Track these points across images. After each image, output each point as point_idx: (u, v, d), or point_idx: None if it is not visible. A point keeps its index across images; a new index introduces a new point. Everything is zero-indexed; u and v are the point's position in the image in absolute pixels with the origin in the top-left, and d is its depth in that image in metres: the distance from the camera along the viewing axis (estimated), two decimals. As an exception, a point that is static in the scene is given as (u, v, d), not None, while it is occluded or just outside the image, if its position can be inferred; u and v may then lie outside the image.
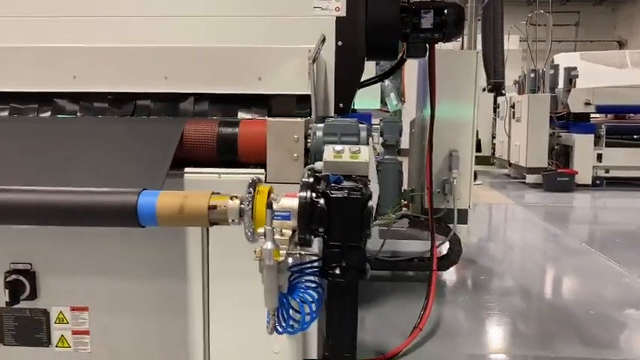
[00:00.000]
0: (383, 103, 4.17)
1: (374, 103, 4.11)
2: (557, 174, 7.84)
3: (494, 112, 10.42)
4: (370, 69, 3.22)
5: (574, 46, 15.91)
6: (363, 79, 2.30)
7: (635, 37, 16.97)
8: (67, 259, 1.71)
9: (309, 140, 1.64)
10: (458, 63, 3.44)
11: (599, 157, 8.02)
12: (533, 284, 3.82)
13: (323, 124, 1.65)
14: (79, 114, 1.93)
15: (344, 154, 1.41)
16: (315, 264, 1.29)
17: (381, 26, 2.00)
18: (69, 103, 1.94)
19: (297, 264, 1.29)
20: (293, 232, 1.25)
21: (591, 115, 8.36)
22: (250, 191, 1.24)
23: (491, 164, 10.61)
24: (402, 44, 2.33)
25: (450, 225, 3.41)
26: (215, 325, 1.72)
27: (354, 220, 1.22)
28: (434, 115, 2.75)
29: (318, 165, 1.42)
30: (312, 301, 1.27)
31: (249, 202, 1.23)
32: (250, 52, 1.86)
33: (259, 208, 1.23)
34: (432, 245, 2.83)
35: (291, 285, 1.27)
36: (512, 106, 8.88)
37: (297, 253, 1.27)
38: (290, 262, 1.24)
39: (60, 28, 1.94)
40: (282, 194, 1.29)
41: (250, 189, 1.25)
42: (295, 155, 1.64)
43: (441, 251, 3.54)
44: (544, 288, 3.90)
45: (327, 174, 1.33)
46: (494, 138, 10.51)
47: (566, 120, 8.31)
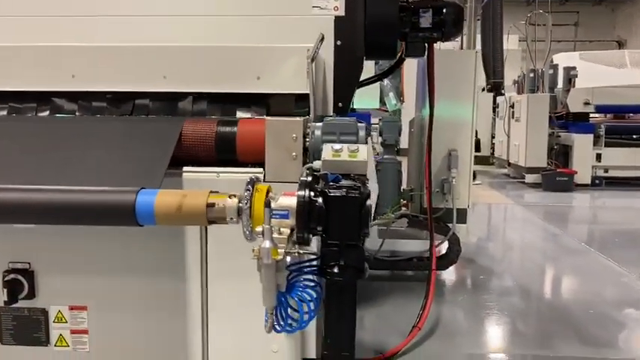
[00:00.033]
0: (382, 102, 4.17)
1: (373, 102, 4.11)
2: (556, 174, 7.84)
3: (493, 112, 10.42)
4: (369, 68, 3.23)
5: (573, 46, 15.92)
6: (362, 78, 2.31)
7: (635, 37, 16.98)
8: (66, 258, 1.71)
9: (307, 139, 1.64)
10: (457, 63, 3.44)
11: (598, 156, 8.02)
12: (532, 284, 3.82)
13: (321, 123, 1.64)
14: (77, 113, 1.92)
15: (342, 153, 1.41)
16: (314, 263, 1.29)
17: (380, 25, 2.00)
18: (68, 102, 1.94)
19: (296, 263, 1.29)
20: (291, 230, 1.25)
21: (590, 115, 8.36)
22: (249, 189, 1.24)
23: (491, 164, 10.61)
24: (401, 44, 2.33)
25: (449, 224, 3.41)
26: (214, 324, 1.72)
27: (352, 219, 1.22)
28: (433, 115, 2.75)
29: (316, 164, 1.42)
30: (311, 300, 1.27)
31: (247, 200, 1.23)
32: (249, 52, 1.86)
33: (257, 206, 1.23)
34: (430, 245, 2.83)
35: (290, 284, 1.26)
36: (512, 106, 8.88)
37: (296, 252, 1.27)
38: (288, 260, 1.24)
39: (59, 27, 1.94)
40: (280, 193, 1.29)
41: (249, 187, 1.25)
42: (294, 154, 1.63)
43: (440, 251, 3.55)
44: (543, 287, 3.90)
45: (326, 173, 1.32)
46: (493, 138, 10.51)
47: (566, 120, 8.32)
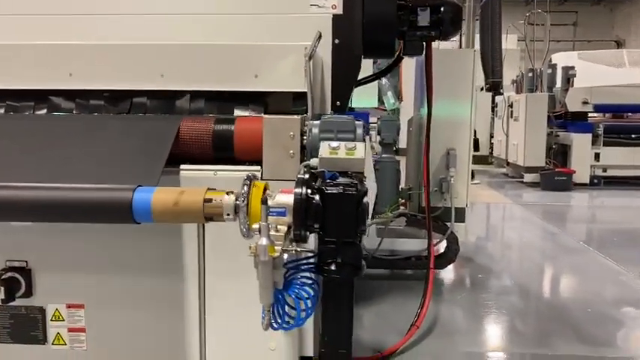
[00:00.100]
0: (380, 101, 4.17)
1: (371, 101, 4.11)
2: (554, 173, 7.85)
3: (492, 112, 10.42)
4: (367, 67, 3.23)
5: (572, 46, 15.95)
6: (360, 77, 2.31)
7: (633, 37, 17.00)
8: (63, 256, 1.71)
9: (305, 137, 1.64)
10: (455, 62, 3.44)
11: (596, 156, 8.03)
12: (530, 283, 3.82)
13: (319, 121, 1.64)
14: (75, 111, 1.92)
15: (340, 150, 1.40)
16: (311, 260, 1.29)
17: (378, 24, 1.99)
18: (65, 100, 1.93)
19: (293, 260, 1.28)
20: (288, 228, 1.25)
21: (589, 115, 8.37)
22: (246, 185, 1.24)
23: (489, 163, 10.62)
24: (399, 42, 2.33)
25: (448, 223, 3.41)
26: (211, 322, 1.72)
27: (349, 216, 1.22)
28: (431, 114, 2.75)
29: (313, 161, 1.42)
30: (308, 298, 1.26)
31: (244, 197, 1.23)
32: (247, 50, 1.86)
33: (254, 203, 1.23)
34: (429, 243, 2.84)
35: (287, 281, 1.26)
36: (510, 106, 8.89)
37: (293, 249, 1.27)
38: (285, 258, 1.24)
39: (56, 25, 1.94)
40: (277, 191, 1.29)
41: (246, 185, 1.25)
42: (291, 152, 1.63)
43: (439, 249, 3.55)
44: (542, 286, 3.90)
45: (323, 170, 1.32)
46: (492, 137, 10.52)
47: (564, 119, 8.32)
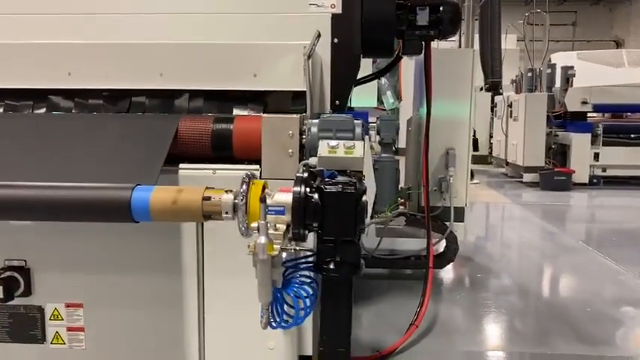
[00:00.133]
0: (380, 101, 4.17)
1: (371, 101, 4.11)
2: (554, 173, 7.86)
3: (491, 112, 10.43)
4: (367, 67, 3.23)
5: (571, 46, 15.95)
6: (359, 76, 2.31)
7: (632, 37, 17.00)
8: (62, 255, 1.71)
9: (304, 136, 1.64)
10: (454, 61, 3.44)
11: (596, 156, 8.04)
12: (530, 282, 3.82)
13: (318, 120, 1.64)
14: (74, 111, 1.92)
15: (338, 149, 1.40)
16: (310, 259, 1.29)
17: (377, 23, 2.00)
18: (64, 100, 1.93)
19: (292, 259, 1.28)
20: (287, 227, 1.25)
21: (588, 114, 8.38)
22: (245, 183, 1.24)
23: (489, 163, 10.63)
24: (398, 41, 2.33)
25: (447, 223, 3.42)
26: (210, 321, 1.72)
27: (348, 215, 1.22)
28: (430, 113, 2.75)
29: (312, 160, 1.42)
30: (307, 297, 1.27)
31: (243, 196, 1.23)
32: (245, 49, 1.86)
33: (253, 202, 1.23)
34: (428, 243, 2.84)
35: (286, 280, 1.26)
36: (510, 105, 8.90)
37: (292, 248, 1.27)
38: (284, 257, 1.24)
39: (55, 25, 1.94)
40: (276, 190, 1.28)
41: (244, 183, 1.25)
42: (290, 151, 1.63)
43: (438, 249, 3.55)
44: (541, 286, 3.90)
45: (322, 169, 1.32)
46: (491, 137, 10.52)
47: (564, 119, 8.33)
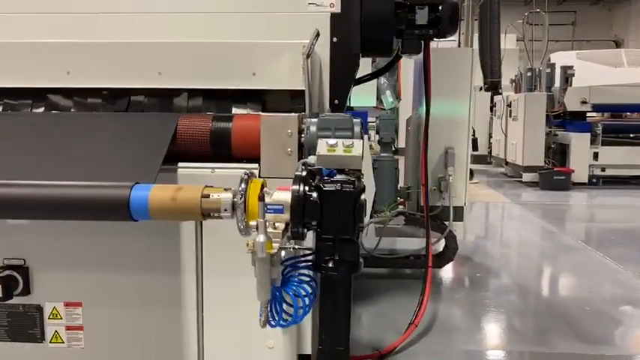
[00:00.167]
0: (379, 100, 4.16)
1: (370, 100, 4.11)
2: (553, 172, 7.86)
3: (490, 111, 10.43)
4: (366, 66, 3.23)
5: (571, 46, 15.94)
6: (358, 75, 2.31)
7: (632, 37, 17.00)
8: (61, 254, 1.71)
9: (302, 135, 1.64)
10: (454, 61, 3.44)
11: (595, 155, 8.04)
12: (529, 281, 3.83)
13: (317, 118, 1.64)
14: (72, 110, 1.92)
15: (337, 148, 1.40)
16: (309, 258, 1.29)
17: (376, 22, 2.00)
18: (63, 98, 1.93)
19: (291, 258, 1.28)
20: (286, 225, 1.25)
21: (587, 114, 8.39)
22: (244, 181, 1.24)
23: (488, 163, 10.62)
24: (397, 41, 2.33)
25: (446, 222, 3.42)
26: (209, 320, 1.72)
27: (346, 213, 1.22)
28: (429, 112, 2.75)
29: (311, 159, 1.42)
30: (306, 295, 1.27)
31: (241, 194, 1.23)
32: (244, 48, 1.86)
33: (252, 201, 1.23)
34: (427, 242, 2.83)
35: (285, 278, 1.26)
36: (509, 105, 8.90)
37: (291, 247, 1.27)
38: (283, 255, 1.24)
39: (53, 24, 1.93)
40: (275, 189, 1.28)
41: (243, 182, 1.25)
42: (289, 150, 1.63)
43: (437, 248, 3.55)
44: (540, 285, 3.91)
45: (320, 167, 1.32)
46: (490, 137, 10.52)
47: (563, 118, 8.34)
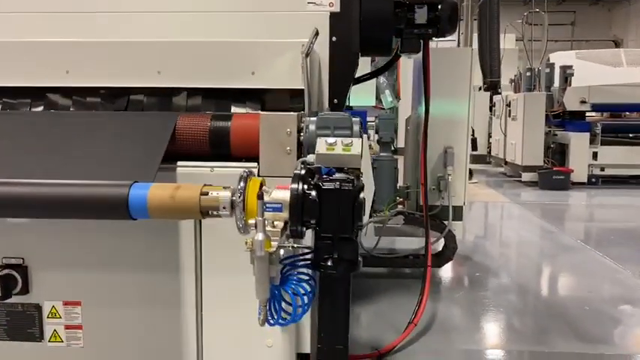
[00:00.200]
0: (378, 100, 4.16)
1: (369, 100, 4.10)
2: (552, 172, 7.87)
3: (490, 111, 10.44)
4: (365, 66, 3.22)
5: (570, 46, 15.95)
6: (357, 75, 2.30)
7: (631, 37, 17.01)
8: (60, 253, 1.71)
9: (302, 134, 1.64)
10: (453, 60, 3.44)
11: (594, 155, 8.05)
12: (528, 281, 3.83)
13: (316, 117, 1.64)
14: (71, 109, 1.92)
15: (336, 146, 1.40)
16: (308, 256, 1.29)
17: (375, 21, 2.00)
18: (62, 98, 1.93)
19: (290, 256, 1.29)
20: (285, 224, 1.25)
21: (587, 114, 8.40)
22: (242, 180, 1.24)
23: (488, 163, 10.63)
24: (397, 40, 2.33)
25: (445, 222, 3.42)
26: (208, 319, 1.71)
27: (345, 212, 1.22)
28: (428, 111, 2.75)
29: (310, 157, 1.42)
30: (304, 294, 1.27)
31: (240, 193, 1.23)
32: (243, 47, 1.85)
33: (251, 199, 1.22)
34: (426, 242, 2.83)
35: (284, 277, 1.26)
36: (508, 105, 8.90)
37: (290, 246, 1.27)
38: (282, 254, 1.24)
39: (52, 23, 1.93)
40: (274, 187, 1.28)
41: (242, 180, 1.25)
42: (288, 149, 1.63)
43: (437, 248, 3.55)
44: (539, 284, 3.91)
45: (319, 166, 1.32)
46: (490, 137, 10.53)
47: (562, 118, 8.34)
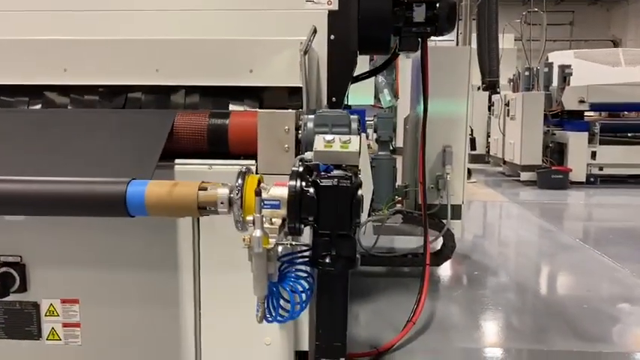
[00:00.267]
0: (377, 99, 4.17)
1: (368, 99, 4.11)
2: (551, 171, 7.87)
3: (488, 111, 10.43)
4: (364, 64, 3.23)
5: (568, 45, 15.97)
6: (355, 73, 2.31)
7: (630, 37, 17.04)
8: (58, 251, 1.70)
9: (300, 132, 1.64)
10: (451, 59, 3.45)
11: (593, 154, 8.05)
12: (527, 279, 3.83)
13: (314, 115, 1.64)
14: (69, 107, 1.92)
15: (334, 143, 1.40)
16: (306, 253, 1.29)
17: (374, 20, 2.00)
18: (59, 96, 1.93)
19: (288, 254, 1.28)
20: (283, 221, 1.25)
21: (585, 113, 8.40)
22: (240, 177, 1.24)
23: (486, 162, 10.63)
24: (395, 38, 2.33)
25: (444, 220, 3.42)
26: (206, 316, 1.71)
27: (343, 209, 1.22)
28: (427, 110, 2.75)
29: (308, 155, 1.41)
30: (303, 291, 1.26)
31: (238, 190, 1.23)
32: (242, 45, 1.85)
33: (249, 196, 1.22)
34: (425, 241, 2.83)
35: (282, 274, 1.26)
36: (507, 104, 8.90)
37: (288, 243, 1.27)
38: (280, 251, 1.24)
39: (50, 21, 1.93)
40: (272, 185, 1.28)
41: (240, 177, 1.25)
42: (286, 146, 1.63)
43: (435, 247, 3.55)
44: (538, 283, 3.92)
45: (317, 163, 1.32)
46: (488, 136, 10.53)
47: (561, 118, 8.34)
